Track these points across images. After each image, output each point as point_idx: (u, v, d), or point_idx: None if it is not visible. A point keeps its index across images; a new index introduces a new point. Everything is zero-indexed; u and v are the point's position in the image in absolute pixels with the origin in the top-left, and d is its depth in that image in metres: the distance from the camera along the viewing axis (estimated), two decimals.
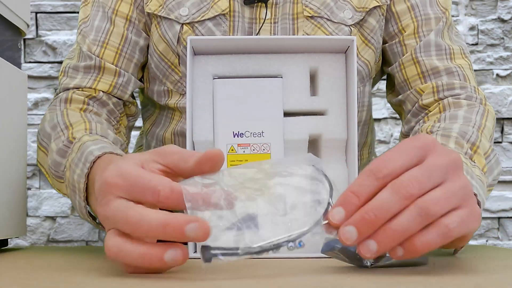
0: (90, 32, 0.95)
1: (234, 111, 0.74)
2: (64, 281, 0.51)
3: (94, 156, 0.69)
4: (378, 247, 0.50)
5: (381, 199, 0.50)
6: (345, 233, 0.50)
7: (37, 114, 1.62)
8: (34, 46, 1.63)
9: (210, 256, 0.50)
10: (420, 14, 0.95)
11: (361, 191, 0.51)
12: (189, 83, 0.73)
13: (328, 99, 0.77)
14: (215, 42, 0.75)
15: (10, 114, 0.85)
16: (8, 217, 0.83)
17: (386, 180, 0.51)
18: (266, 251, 0.51)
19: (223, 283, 0.48)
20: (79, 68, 0.94)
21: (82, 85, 0.93)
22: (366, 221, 0.50)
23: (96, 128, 0.82)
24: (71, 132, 0.81)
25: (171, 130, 0.99)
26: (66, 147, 0.80)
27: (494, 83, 1.64)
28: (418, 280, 0.49)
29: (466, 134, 0.79)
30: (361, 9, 0.94)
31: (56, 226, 1.62)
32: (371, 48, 0.96)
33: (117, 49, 0.95)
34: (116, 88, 0.94)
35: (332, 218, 0.51)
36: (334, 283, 0.48)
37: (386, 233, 0.50)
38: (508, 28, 1.64)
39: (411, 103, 0.94)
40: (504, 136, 1.64)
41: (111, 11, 0.96)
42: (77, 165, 0.72)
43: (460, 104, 0.88)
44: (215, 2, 0.92)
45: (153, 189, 0.51)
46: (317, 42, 0.77)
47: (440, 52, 0.94)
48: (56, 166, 0.81)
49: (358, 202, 0.51)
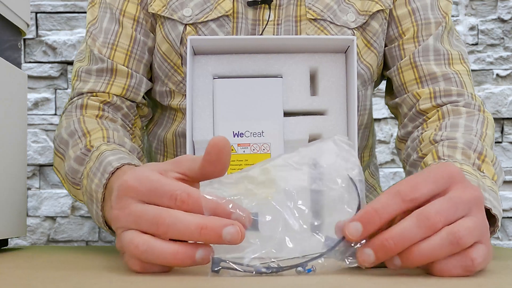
0: (99, 35, 0.95)
1: (234, 111, 0.74)
2: (64, 281, 0.51)
3: (113, 168, 0.69)
4: (402, 264, 0.51)
5: (405, 227, 0.50)
6: (362, 255, 0.51)
7: (37, 114, 1.62)
8: (34, 46, 1.63)
9: (218, 267, 0.51)
10: (421, 18, 0.95)
11: (384, 211, 0.51)
12: (189, 83, 0.73)
13: (328, 99, 0.77)
14: (215, 42, 0.75)
15: (10, 114, 0.85)
16: (8, 217, 0.83)
17: (411, 204, 0.51)
18: (275, 272, 0.51)
19: (223, 283, 0.48)
20: (92, 72, 0.94)
21: (96, 90, 0.93)
22: (385, 248, 0.50)
23: (114, 136, 0.83)
24: (89, 140, 0.82)
25: (173, 131, 0.99)
26: (84, 155, 0.80)
27: (494, 83, 1.64)
28: (418, 280, 0.49)
29: (471, 144, 0.79)
30: (364, 13, 0.94)
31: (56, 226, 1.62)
32: (374, 51, 0.95)
33: (127, 50, 0.95)
34: (129, 90, 0.94)
35: (348, 232, 0.51)
36: (334, 283, 0.48)
37: (412, 254, 0.51)
38: (508, 28, 1.64)
39: (407, 107, 0.94)
40: (504, 136, 1.64)
41: (118, 12, 0.95)
42: (95, 174, 0.72)
43: (459, 111, 0.88)
44: (219, 3, 0.92)
45: (170, 193, 0.52)
46: (317, 42, 0.77)
47: (439, 57, 0.94)
48: (73, 173, 0.82)
49: (379, 222, 0.51)
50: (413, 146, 0.88)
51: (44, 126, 1.62)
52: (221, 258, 0.51)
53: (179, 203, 0.52)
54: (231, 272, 0.51)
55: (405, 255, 0.51)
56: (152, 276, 0.52)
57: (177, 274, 0.54)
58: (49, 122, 1.62)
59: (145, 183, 0.53)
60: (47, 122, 1.62)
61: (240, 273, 0.51)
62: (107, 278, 0.51)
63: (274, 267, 0.51)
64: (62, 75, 1.63)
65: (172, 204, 0.52)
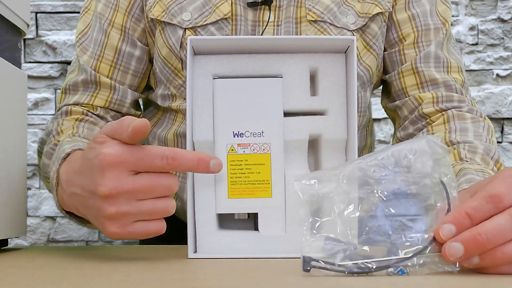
0: (89, 44, 0.97)
1: (234, 111, 0.74)
2: (64, 281, 0.51)
3: (64, 153, 0.73)
4: (479, 263, 0.51)
5: (499, 223, 0.50)
6: (450, 249, 0.50)
7: (37, 114, 1.62)
8: (34, 46, 1.63)
9: (309, 266, 0.52)
10: (421, 24, 0.96)
11: (476, 216, 0.51)
12: (189, 83, 0.73)
13: (328, 99, 0.77)
14: (215, 42, 0.75)
15: (10, 114, 0.85)
16: (8, 217, 0.83)
17: (502, 210, 0.51)
18: (366, 272, 0.51)
19: (223, 282, 0.48)
20: (78, 84, 0.97)
21: (80, 102, 0.96)
22: (477, 242, 0.50)
23: (83, 132, 0.87)
24: (60, 137, 0.87)
25: (173, 131, 0.99)
26: (52, 149, 0.86)
27: (494, 83, 1.64)
28: (418, 281, 0.49)
29: (490, 151, 0.82)
30: (364, 15, 0.94)
31: (56, 226, 1.62)
32: (373, 53, 0.96)
33: (112, 61, 0.96)
34: (112, 103, 0.97)
35: (442, 233, 0.51)
36: (334, 283, 0.48)
37: (495, 253, 0.50)
38: (508, 28, 1.64)
39: (408, 110, 0.95)
40: (504, 136, 1.64)
41: (107, 24, 0.97)
42: (54, 163, 0.76)
43: (464, 116, 0.90)
44: (217, 6, 0.92)
45: (161, 155, 0.63)
46: (317, 42, 0.77)
47: (439, 64, 0.95)
48: (44, 167, 0.88)
49: (470, 226, 0.51)
50: None
51: (44, 126, 1.62)
52: (312, 257, 0.52)
53: (170, 161, 0.63)
54: (323, 271, 0.51)
55: (487, 254, 0.50)
56: (152, 276, 0.52)
57: (178, 274, 0.54)
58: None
59: (133, 154, 0.63)
60: (47, 122, 1.62)
61: (331, 272, 0.51)
62: (107, 278, 0.52)
63: (366, 267, 0.51)
64: (62, 75, 1.63)
65: (164, 163, 0.63)
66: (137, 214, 0.63)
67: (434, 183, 0.55)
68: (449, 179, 0.55)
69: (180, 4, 0.93)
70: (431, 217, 0.54)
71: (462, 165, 0.77)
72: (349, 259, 0.52)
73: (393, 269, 0.52)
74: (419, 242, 0.52)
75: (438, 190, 0.54)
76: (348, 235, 0.53)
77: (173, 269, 0.56)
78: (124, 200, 0.63)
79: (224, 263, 0.64)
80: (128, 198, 0.63)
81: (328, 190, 0.54)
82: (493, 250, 0.50)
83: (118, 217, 0.63)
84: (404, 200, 0.54)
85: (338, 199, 0.54)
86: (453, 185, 0.54)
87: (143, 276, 0.52)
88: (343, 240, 0.53)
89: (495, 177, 0.55)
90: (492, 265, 0.51)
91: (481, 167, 0.76)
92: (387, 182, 0.55)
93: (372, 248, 0.53)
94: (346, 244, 0.53)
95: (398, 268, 0.52)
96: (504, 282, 0.49)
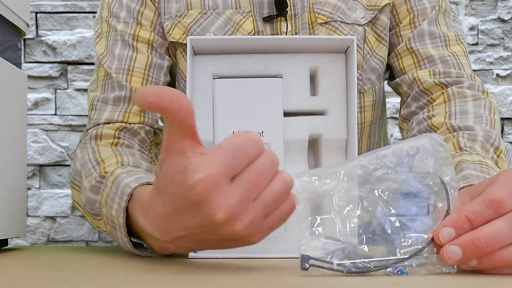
0: (112, 63, 0.93)
1: (234, 111, 0.74)
2: (64, 281, 0.50)
3: (131, 188, 0.66)
4: (477, 266, 0.51)
5: (498, 228, 0.50)
6: (448, 252, 0.51)
7: (37, 114, 1.62)
8: (34, 46, 1.63)
9: (307, 265, 0.51)
10: (416, 5, 0.96)
11: (476, 220, 0.51)
12: (189, 83, 0.73)
13: (328, 99, 0.77)
14: (215, 42, 0.75)
15: (10, 114, 0.85)
16: (8, 217, 0.83)
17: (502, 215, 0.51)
18: (365, 272, 0.51)
19: (223, 282, 0.48)
20: (109, 100, 0.92)
21: (113, 119, 0.91)
22: (475, 247, 0.50)
23: (128, 160, 0.80)
24: (103, 167, 0.79)
25: None
26: (99, 183, 0.78)
27: (494, 83, 1.64)
28: (418, 281, 0.49)
29: (490, 138, 0.81)
30: (372, 7, 0.95)
31: (56, 226, 1.62)
32: (385, 44, 0.98)
33: (144, 74, 0.93)
34: (145, 117, 0.92)
35: (441, 236, 0.51)
36: (334, 283, 0.48)
37: (494, 256, 0.50)
38: (508, 28, 1.64)
39: (406, 85, 0.96)
40: (504, 136, 1.64)
41: (131, 38, 0.94)
42: (113, 200, 0.68)
43: (465, 94, 0.89)
44: (240, 24, 0.91)
45: (252, 140, 0.52)
46: (317, 42, 0.77)
47: (435, 40, 0.95)
48: (91, 204, 0.79)
49: (470, 230, 0.51)
50: (421, 130, 0.89)
51: (44, 126, 1.62)
52: (310, 256, 0.51)
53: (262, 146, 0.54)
54: (321, 270, 0.51)
55: (485, 258, 0.50)
56: (152, 276, 0.52)
57: (178, 274, 0.54)
58: (49, 122, 1.62)
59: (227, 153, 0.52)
60: (47, 122, 1.62)
61: (329, 271, 0.51)
62: (107, 278, 0.52)
63: (365, 267, 0.51)
64: (62, 75, 1.63)
65: (260, 149, 0.53)
66: (263, 210, 0.54)
67: (435, 183, 0.54)
68: (450, 179, 0.54)
69: (202, 25, 0.92)
70: (431, 217, 0.54)
71: (461, 156, 0.76)
72: (348, 258, 0.52)
73: (391, 269, 0.52)
74: (418, 243, 0.52)
75: (439, 190, 0.54)
76: (347, 234, 0.53)
77: (173, 269, 0.56)
78: (243, 210, 0.53)
79: (224, 263, 0.64)
80: (245, 205, 0.53)
81: (329, 187, 0.54)
82: (491, 254, 0.50)
83: (248, 227, 0.54)
84: (404, 199, 0.54)
85: (338, 197, 0.54)
86: (454, 186, 0.54)
87: (143, 276, 0.52)
88: (342, 239, 0.53)
89: (496, 179, 0.54)
90: (490, 268, 0.51)
91: (480, 158, 0.75)
92: (388, 181, 0.55)
93: (371, 247, 0.53)
94: (345, 243, 0.52)
95: (398, 268, 0.52)
96: (504, 283, 0.49)
